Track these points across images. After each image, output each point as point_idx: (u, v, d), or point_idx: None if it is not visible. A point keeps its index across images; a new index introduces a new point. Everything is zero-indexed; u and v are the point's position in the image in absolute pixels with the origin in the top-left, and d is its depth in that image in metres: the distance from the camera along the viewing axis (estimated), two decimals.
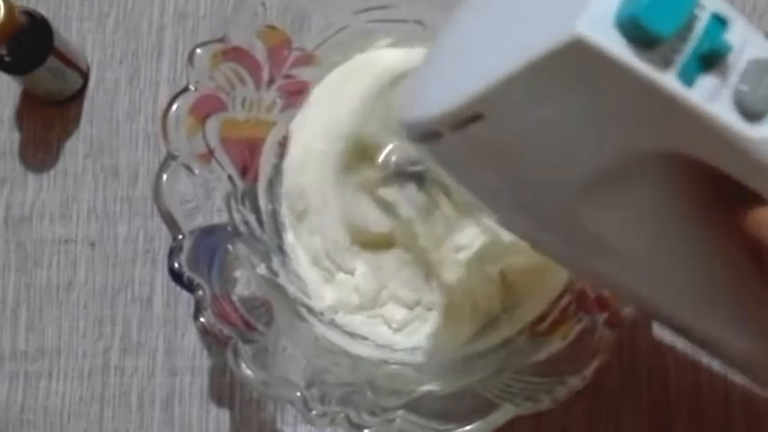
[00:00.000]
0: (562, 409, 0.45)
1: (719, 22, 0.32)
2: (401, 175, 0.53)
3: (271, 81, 0.53)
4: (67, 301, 0.60)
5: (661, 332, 0.55)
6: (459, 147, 0.37)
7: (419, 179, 0.53)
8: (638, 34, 0.30)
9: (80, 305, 0.60)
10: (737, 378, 0.55)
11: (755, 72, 0.32)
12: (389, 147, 0.53)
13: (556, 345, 0.48)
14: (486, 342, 0.52)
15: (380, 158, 0.54)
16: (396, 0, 0.54)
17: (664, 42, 0.30)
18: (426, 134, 0.37)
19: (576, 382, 0.45)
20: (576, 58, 0.31)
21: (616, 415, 0.55)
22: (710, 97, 0.31)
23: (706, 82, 0.31)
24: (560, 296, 0.51)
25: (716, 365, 0.55)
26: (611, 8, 0.30)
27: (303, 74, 0.55)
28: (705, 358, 0.55)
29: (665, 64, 0.31)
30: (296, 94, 0.55)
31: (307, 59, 0.54)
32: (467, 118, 0.35)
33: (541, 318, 0.51)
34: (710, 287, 0.39)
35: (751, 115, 0.32)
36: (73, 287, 0.61)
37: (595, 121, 0.33)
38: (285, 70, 0.54)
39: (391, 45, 0.56)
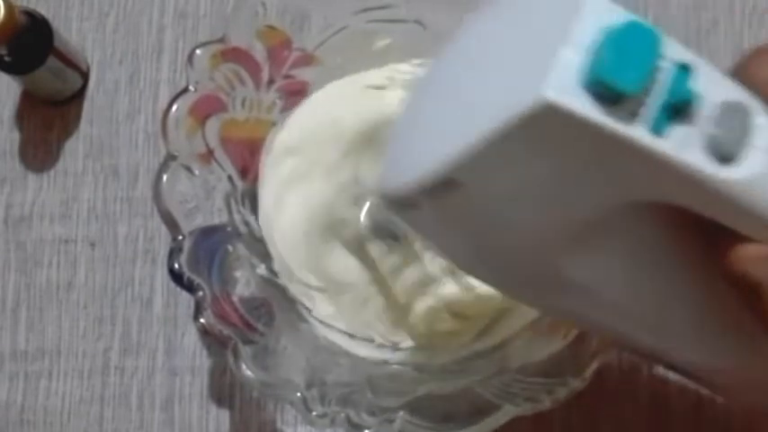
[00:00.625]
0: (562, 410, 0.45)
1: (683, 69, 0.31)
2: (379, 230, 0.53)
3: (271, 81, 0.53)
4: (67, 301, 0.60)
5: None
6: (436, 215, 0.36)
7: (395, 237, 0.53)
8: (605, 93, 0.30)
9: (80, 305, 0.60)
10: None
11: (725, 115, 0.32)
12: (367, 205, 0.53)
13: (556, 345, 0.48)
14: (486, 342, 0.52)
15: (362, 216, 0.54)
16: (396, 0, 0.54)
17: (631, 98, 0.30)
18: (402, 204, 0.36)
19: (576, 383, 0.45)
20: (545, 122, 0.31)
21: (616, 415, 0.55)
22: (682, 145, 0.31)
23: (676, 131, 0.31)
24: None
25: None
26: (575, 69, 0.30)
27: (303, 74, 0.55)
28: None
29: (634, 118, 0.31)
30: (296, 95, 0.55)
31: (307, 60, 0.54)
32: (441, 186, 0.34)
33: (541, 318, 0.51)
34: (698, 323, 0.39)
35: (724, 158, 0.32)
36: (73, 287, 0.61)
37: (571, 179, 0.33)
38: (285, 70, 0.54)
39: (390, 45, 0.56)
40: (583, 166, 0.32)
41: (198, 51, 0.50)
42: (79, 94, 0.63)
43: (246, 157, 0.53)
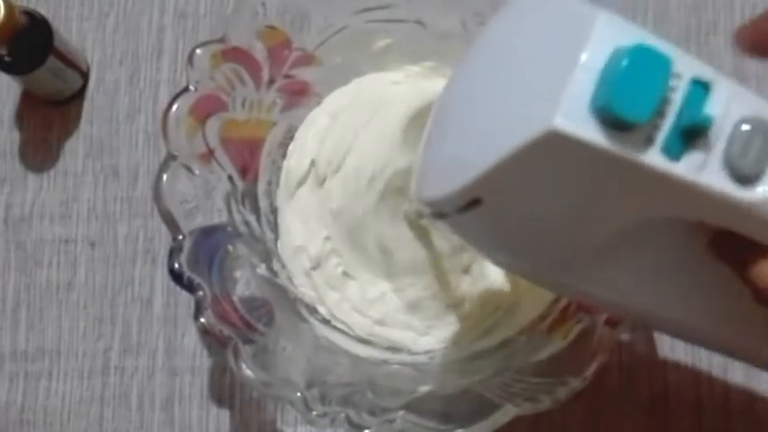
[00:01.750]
0: (562, 410, 0.45)
1: (699, 87, 0.31)
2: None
3: (271, 81, 0.53)
4: (67, 301, 0.60)
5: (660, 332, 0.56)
6: (465, 224, 0.37)
7: None
8: (614, 121, 0.30)
9: (80, 305, 0.60)
10: (737, 379, 0.55)
11: (743, 135, 0.31)
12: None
13: (556, 345, 0.48)
14: (486, 342, 0.52)
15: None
16: (396, 0, 0.54)
17: (642, 125, 0.30)
18: (434, 213, 0.37)
19: (576, 383, 0.45)
20: (556, 147, 0.31)
21: (616, 415, 0.55)
22: (699, 167, 0.31)
23: (692, 153, 0.31)
24: (560, 296, 0.51)
25: (715, 366, 0.55)
26: (585, 97, 0.30)
27: (303, 74, 0.55)
28: (704, 359, 0.55)
29: (646, 143, 0.30)
30: (296, 95, 0.55)
31: (307, 60, 0.54)
32: (465, 203, 0.35)
33: (541, 318, 0.51)
34: (720, 313, 0.39)
35: (744, 179, 0.31)
36: (73, 287, 0.61)
37: (588, 199, 0.33)
38: (285, 70, 0.54)
39: (390, 45, 0.56)
40: (599, 187, 0.32)
41: (198, 51, 0.50)
42: (79, 94, 0.63)
43: (247, 157, 0.53)
